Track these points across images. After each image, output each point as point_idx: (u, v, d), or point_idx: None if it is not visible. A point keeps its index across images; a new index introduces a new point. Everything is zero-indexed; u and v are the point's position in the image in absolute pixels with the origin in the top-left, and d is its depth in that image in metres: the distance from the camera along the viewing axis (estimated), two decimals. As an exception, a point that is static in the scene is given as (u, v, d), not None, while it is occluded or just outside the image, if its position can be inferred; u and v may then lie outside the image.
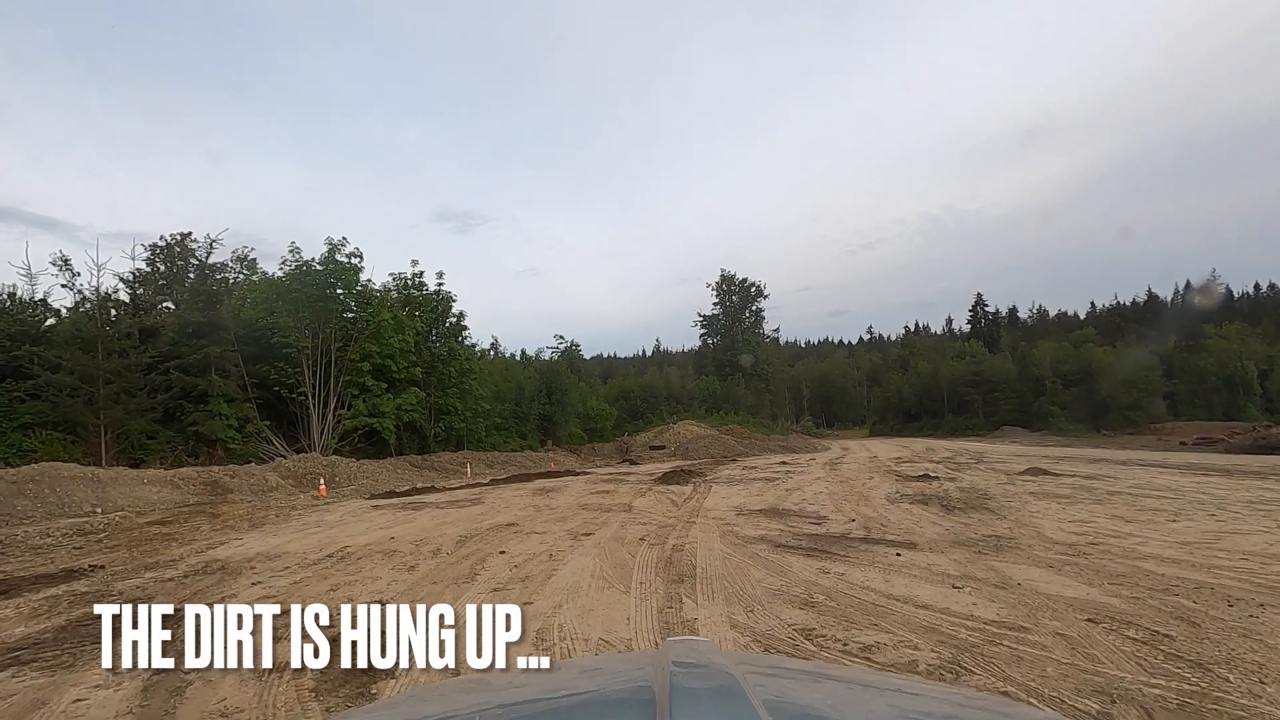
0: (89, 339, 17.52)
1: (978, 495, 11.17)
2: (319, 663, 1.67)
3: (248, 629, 1.64)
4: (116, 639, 1.66)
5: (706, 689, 0.82)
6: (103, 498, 13.24)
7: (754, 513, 9.83)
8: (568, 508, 10.97)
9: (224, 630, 1.62)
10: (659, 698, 0.76)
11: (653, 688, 0.82)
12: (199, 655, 1.62)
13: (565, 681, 1.16)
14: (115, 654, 1.66)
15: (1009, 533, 7.62)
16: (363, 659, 1.65)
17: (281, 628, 2.05)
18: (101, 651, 1.69)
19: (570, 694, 1.00)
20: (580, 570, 6.21)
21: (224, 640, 1.62)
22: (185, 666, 1.65)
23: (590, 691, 1.01)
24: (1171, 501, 9.86)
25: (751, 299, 61.53)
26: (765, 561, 6.25)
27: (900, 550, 6.60)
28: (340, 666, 3.16)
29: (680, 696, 0.74)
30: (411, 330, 24.43)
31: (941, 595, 4.87)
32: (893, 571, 5.71)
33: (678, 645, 1.07)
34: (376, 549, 7.73)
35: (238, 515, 11.23)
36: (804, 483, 14.42)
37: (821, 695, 0.99)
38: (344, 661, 1.88)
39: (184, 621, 1.68)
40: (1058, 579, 5.27)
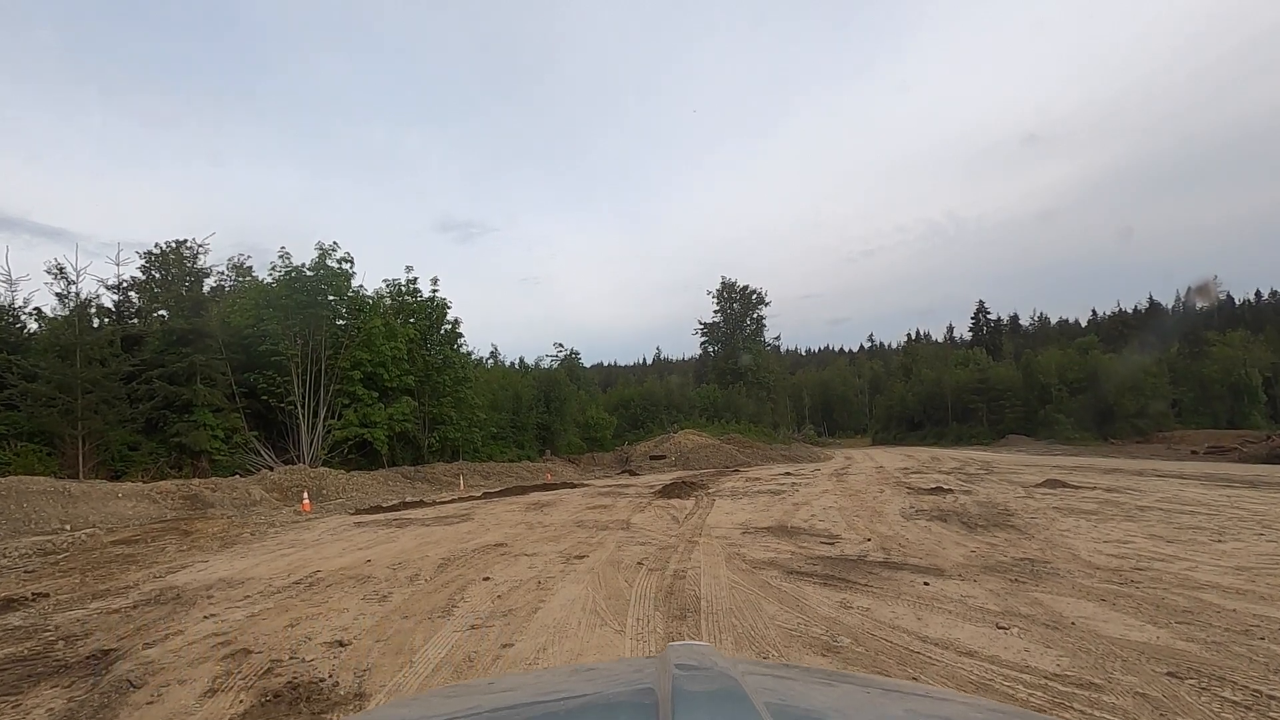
0: (67, 346, 16.88)
1: (998, 511, 10.50)
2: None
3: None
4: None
5: (709, 692, 0.81)
6: (72, 514, 12.56)
7: (761, 531, 9.16)
8: (561, 525, 10.29)
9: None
10: (661, 700, 0.75)
11: (655, 690, 0.81)
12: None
13: (567, 684, 1.13)
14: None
15: (1042, 555, 6.95)
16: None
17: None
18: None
19: (572, 696, 0.98)
20: (571, 602, 5.54)
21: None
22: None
23: (592, 694, 0.98)
24: (1209, 518, 9.18)
25: (753, 306, 61.01)
26: (778, 593, 5.58)
27: (927, 578, 5.93)
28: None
29: (683, 699, 0.73)
30: (404, 337, 23.79)
31: (986, 638, 4.21)
32: (923, 605, 5.04)
33: (680, 649, 1.05)
34: (350, 574, 7.06)
35: (210, 533, 10.55)
36: (811, 496, 13.74)
37: (827, 699, 0.97)
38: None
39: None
40: (1115, 616, 4.61)
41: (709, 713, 0.73)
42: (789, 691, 0.97)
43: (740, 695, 0.75)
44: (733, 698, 0.76)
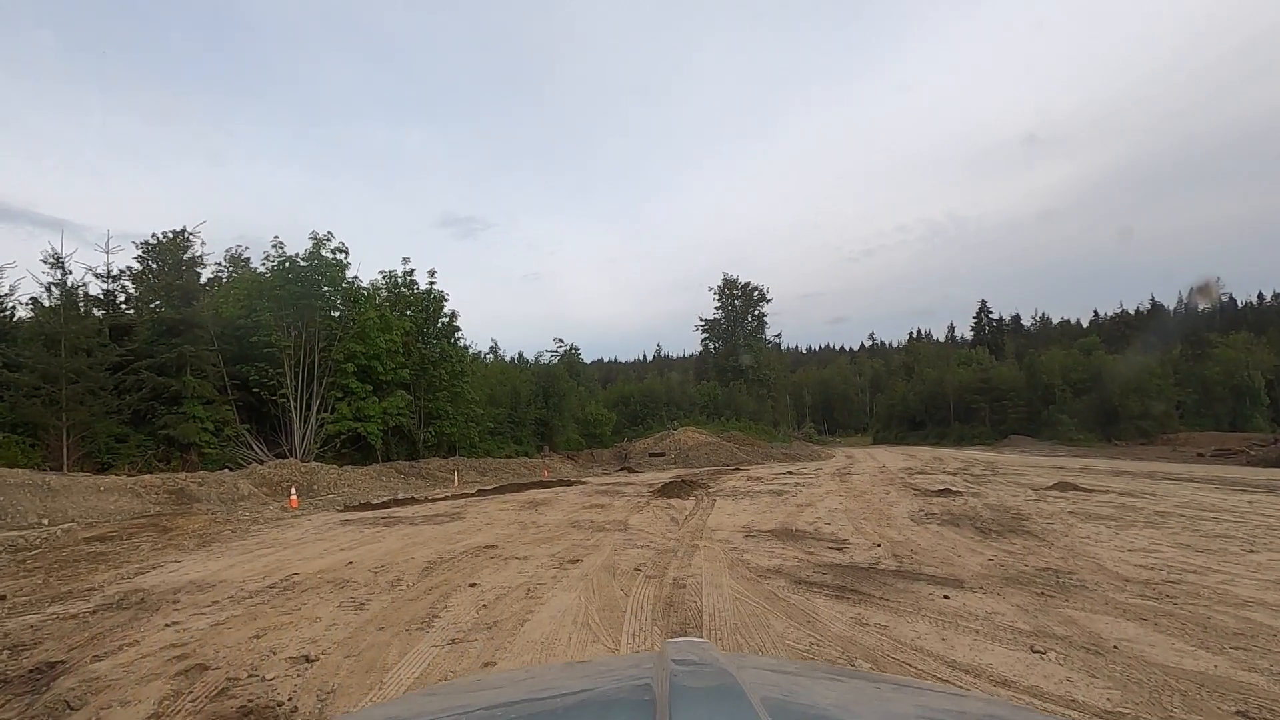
0: (52, 335, 16.44)
1: (1011, 515, 10.07)
2: None
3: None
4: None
5: (706, 689, 0.80)
6: (51, 508, 12.14)
7: (764, 534, 8.74)
8: (556, 526, 9.87)
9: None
10: (659, 697, 0.74)
11: (653, 687, 0.80)
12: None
13: (565, 681, 1.11)
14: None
15: (1065, 565, 6.52)
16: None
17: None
18: None
19: (570, 693, 0.97)
20: (562, 613, 5.12)
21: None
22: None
23: (589, 691, 0.96)
24: (1235, 525, 8.75)
25: (754, 303, 60.49)
26: (786, 606, 5.15)
27: (947, 591, 5.50)
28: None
29: (680, 696, 0.73)
30: (399, 330, 23.33)
31: (1021, 664, 3.77)
32: (946, 623, 4.61)
33: (678, 645, 1.03)
34: (328, 577, 6.64)
35: (190, 530, 10.13)
36: (815, 497, 13.31)
37: (827, 695, 0.96)
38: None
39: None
40: (1161, 639, 4.18)
41: (707, 709, 0.72)
42: (788, 687, 0.96)
43: (737, 692, 0.74)
44: (731, 695, 0.74)
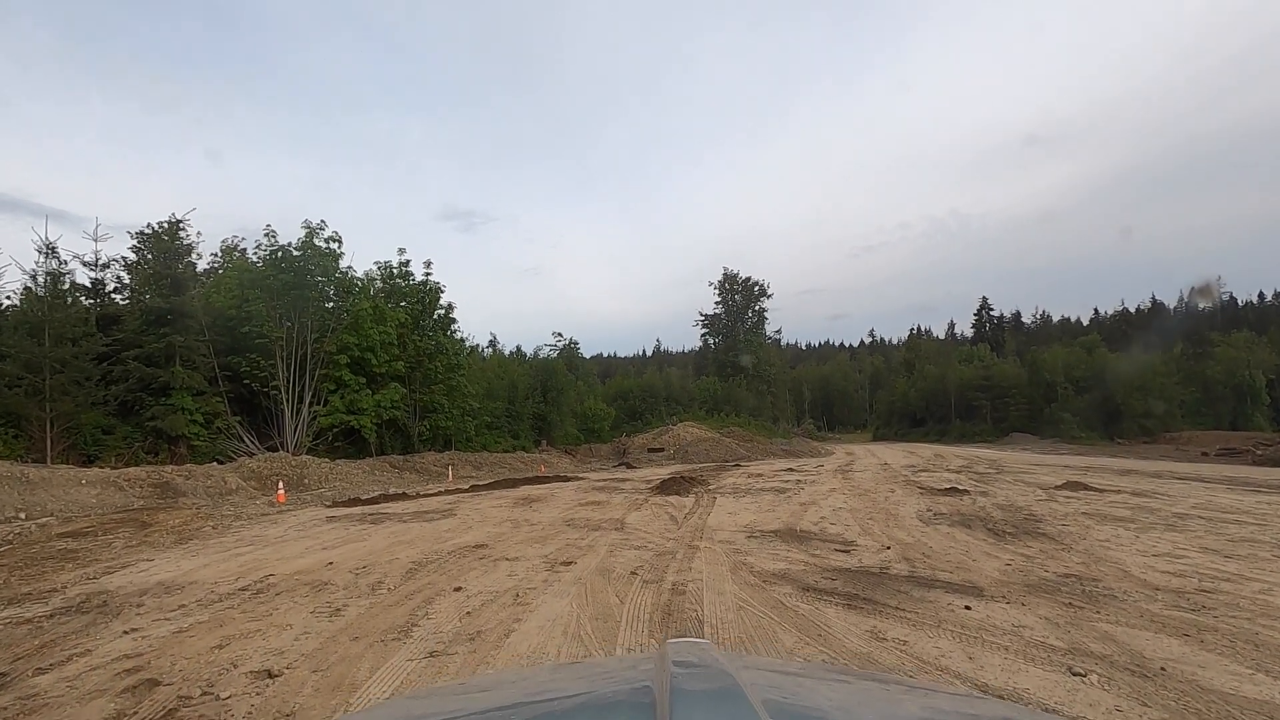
0: (36, 324, 16.01)
1: (1023, 515, 9.69)
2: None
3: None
4: None
5: (707, 690, 0.79)
6: (29, 501, 11.74)
7: (768, 535, 8.35)
8: (550, 524, 9.48)
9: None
10: (659, 699, 0.74)
11: (653, 689, 0.79)
12: None
13: (564, 682, 1.10)
14: None
15: (1087, 571, 6.14)
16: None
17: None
18: None
19: (569, 695, 0.96)
20: (551, 622, 4.73)
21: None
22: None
23: (589, 693, 0.94)
24: (1259, 529, 8.37)
25: (754, 298, 60.02)
26: (794, 616, 4.77)
27: (967, 600, 5.12)
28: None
29: (680, 698, 0.72)
30: (394, 321, 22.89)
31: (1061, 688, 3.39)
32: (970, 638, 4.23)
33: (678, 646, 1.01)
34: (306, 579, 6.25)
35: (169, 526, 9.74)
36: (818, 495, 12.93)
37: (829, 696, 0.94)
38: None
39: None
40: (1211, 659, 3.79)
41: (707, 712, 0.71)
42: (791, 689, 0.94)
43: (738, 693, 0.73)
44: (731, 697, 0.73)
